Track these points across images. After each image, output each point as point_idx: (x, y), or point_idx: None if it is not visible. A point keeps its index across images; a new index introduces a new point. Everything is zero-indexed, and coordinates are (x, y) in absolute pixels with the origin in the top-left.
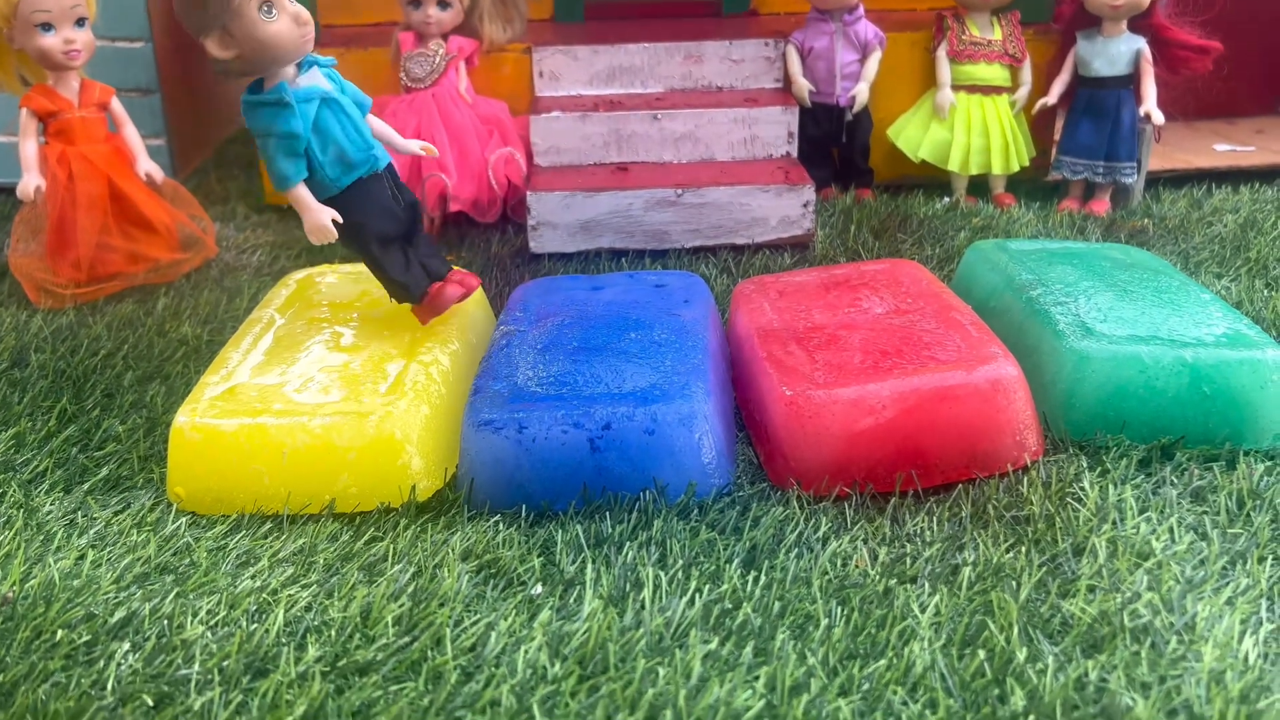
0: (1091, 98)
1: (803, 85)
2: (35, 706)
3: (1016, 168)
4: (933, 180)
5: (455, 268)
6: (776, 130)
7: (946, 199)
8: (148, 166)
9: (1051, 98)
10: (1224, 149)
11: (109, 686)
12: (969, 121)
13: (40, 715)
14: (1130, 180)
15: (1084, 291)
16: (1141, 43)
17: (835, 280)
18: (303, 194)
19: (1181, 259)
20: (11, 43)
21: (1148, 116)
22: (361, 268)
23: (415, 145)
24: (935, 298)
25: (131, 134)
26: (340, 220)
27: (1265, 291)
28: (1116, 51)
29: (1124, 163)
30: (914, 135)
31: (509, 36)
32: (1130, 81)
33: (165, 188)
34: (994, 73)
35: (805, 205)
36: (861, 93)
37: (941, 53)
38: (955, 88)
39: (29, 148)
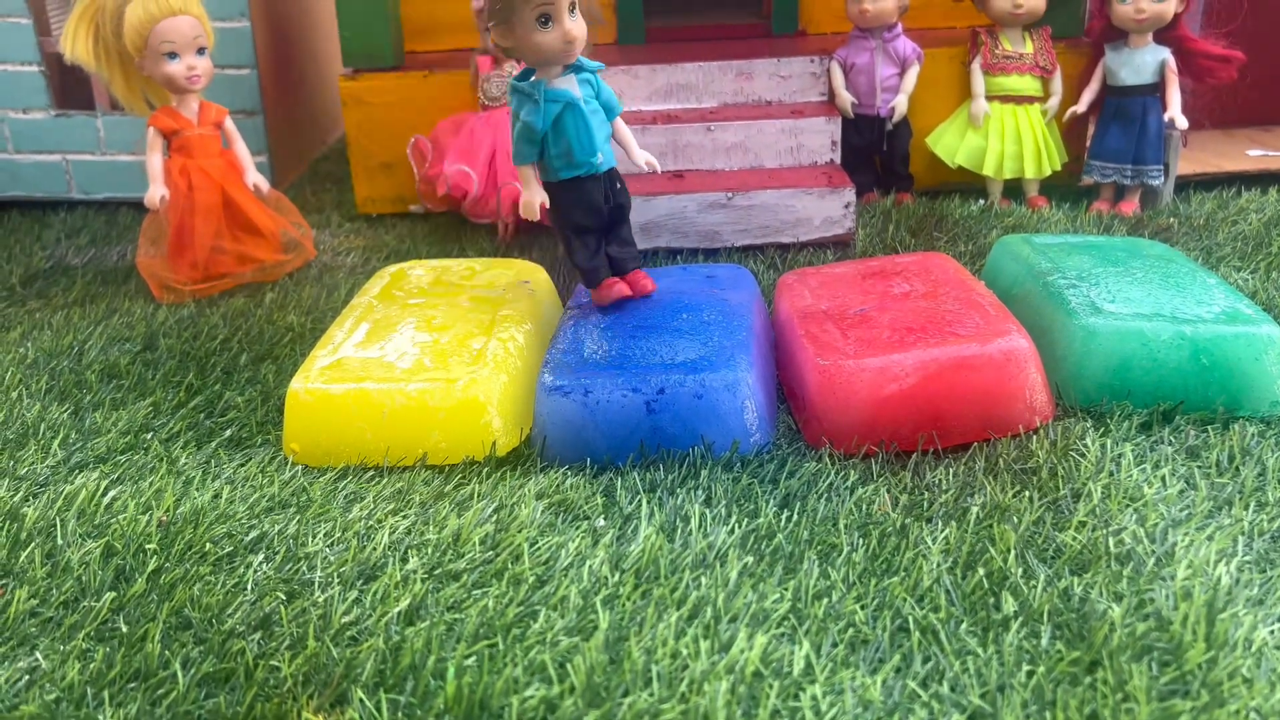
0: (1119, 105)
1: (846, 98)
2: (192, 599)
3: (1049, 172)
4: (970, 186)
5: (640, 270)
6: (821, 139)
7: (982, 201)
8: (255, 178)
9: (1081, 106)
10: (1256, 154)
11: (249, 586)
12: (1003, 129)
13: (197, 605)
14: (1157, 182)
15: (1096, 276)
16: (1166, 53)
17: (870, 270)
18: (529, 173)
19: (1204, 254)
20: (141, 69)
21: (1172, 122)
22: (447, 262)
23: (642, 159)
24: (961, 284)
25: (242, 149)
26: (547, 205)
27: None
28: (1142, 62)
29: (1151, 166)
30: (951, 143)
31: None
32: (1156, 90)
33: (270, 197)
34: (1026, 83)
35: (846, 206)
36: (900, 104)
37: (976, 66)
38: (989, 98)
39: (155, 161)
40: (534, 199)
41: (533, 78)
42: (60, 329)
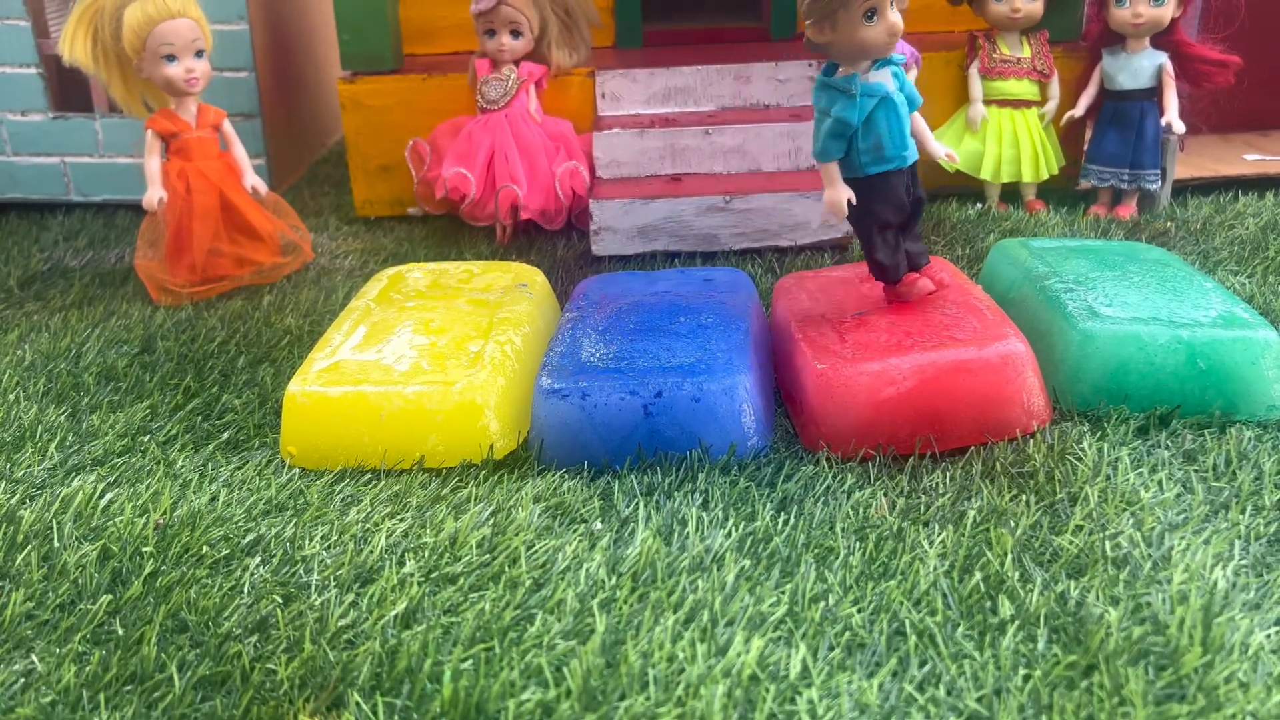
0: (1116, 110)
1: None
2: (188, 602)
3: (1046, 176)
4: (967, 189)
5: (934, 258)
6: None
7: (979, 205)
8: (253, 181)
9: (1079, 110)
10: (1253, 158)
11: (245, 589)
12: (1000, 133)
13: (193, 608)
14: (1155, 187)
15: (1093, 280)
16: (1163, 58)
17: (867, 275)
18: (833, 170)
19: (1201, 258)
20: (140, 72)
21: (1169, 126)
22: (445, 265)
23: (942, 151)
24: (958, 288)
25: (240, 152)
26: (854, 202)
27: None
28: (1139, 66)
29: (1148, 170)
30: (949, 147)
31: (574, 62)
32: (1153, 94)
33: (268, 200)
34: (1023, 88)
35: None
36: None
37: (974, 70)
38: (987, 102)
39: (153, 164)
40: (840, 196)
41: (839, 72)
42: (58, 331)
